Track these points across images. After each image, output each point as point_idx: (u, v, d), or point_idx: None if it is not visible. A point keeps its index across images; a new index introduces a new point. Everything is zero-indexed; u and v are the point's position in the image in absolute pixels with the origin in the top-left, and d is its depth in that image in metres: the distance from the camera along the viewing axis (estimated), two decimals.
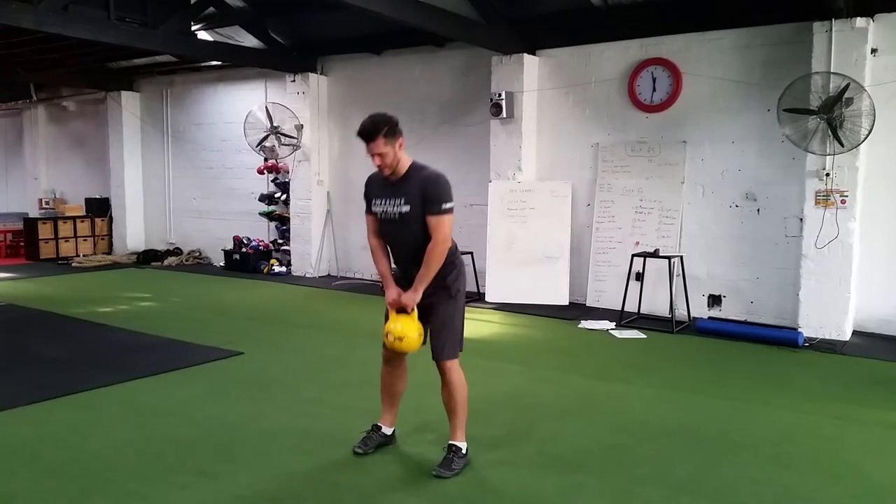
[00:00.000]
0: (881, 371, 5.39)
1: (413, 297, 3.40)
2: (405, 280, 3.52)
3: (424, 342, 3.52)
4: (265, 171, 10.30)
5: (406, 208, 3.40)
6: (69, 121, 13.39)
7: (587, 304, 7.71)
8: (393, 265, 3.63)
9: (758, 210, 6.88)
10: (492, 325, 6.90)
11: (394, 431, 3.80)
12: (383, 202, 3.49)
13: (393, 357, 3.65)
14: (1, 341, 6.20)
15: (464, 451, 3.51)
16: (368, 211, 3.62)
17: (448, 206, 3.37)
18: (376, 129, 3.30)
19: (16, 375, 5.11)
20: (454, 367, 3.49)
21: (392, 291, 3.50)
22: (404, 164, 3.44)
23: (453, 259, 3.51)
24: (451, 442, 3.52)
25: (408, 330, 3.41)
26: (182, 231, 11.89)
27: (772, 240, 6.81)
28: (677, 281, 6.98)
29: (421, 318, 3.44)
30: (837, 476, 3.49)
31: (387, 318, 3.52)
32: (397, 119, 3.41)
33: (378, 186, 3.54)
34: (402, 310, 3.44)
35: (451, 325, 3.48)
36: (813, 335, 6.23)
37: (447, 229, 3.37)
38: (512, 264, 7.84)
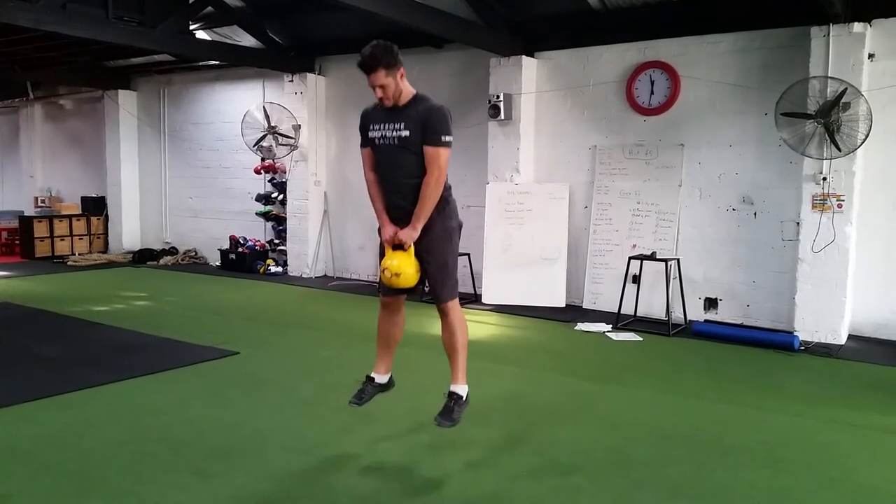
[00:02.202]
0: (876, 375, 5.40)
1: (411, 233, 3.36)
2: (398, 218, 3.45)
3: (421, 282, 3.49)
4: (262, 171, 10.29)
5: (405, 133, 3.32)
6: (66, 119, 13.36)
7: (584, 307, 7.71)
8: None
9: (755, 213, 6.89)
10: (488, 326, 6.89)
11: (391, 377, 3.76)
12: (382, 127, 3.40)
13: (391, 302, 3.61)
14: None
15: (465, 398, 3.46)
16: (364, 144, 3.54)
17: (447, 138, 3.30)
18: (377, 61, 3.22)
19: (10, 374, 5.09)
20: (455, 307, 3.47)
21: (389, 228, 3.45)
22: (407, 94, 3.36)
23: (447, 195, 3.46)
24: (451, 388, 3.49)
25: (405, 266, 3.38)
26: (178, 230, 11.87)
27: (768, 243, 6.82)
28: (674, 284, 6.99)
29: (416, 255, 3.41)
30: (832, 479, 3.49)
31: (382, 255, 3.48)
32: (398, 48, 3.31)
33: (377, 114, 3.45)
34: (398, 246, 3.39)
35: (447, 269, 3.46)
36: (809, 339, 6.24)
37: (444, 163, 3.32)
38: (509, 266, 7.84)
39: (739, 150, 6.92)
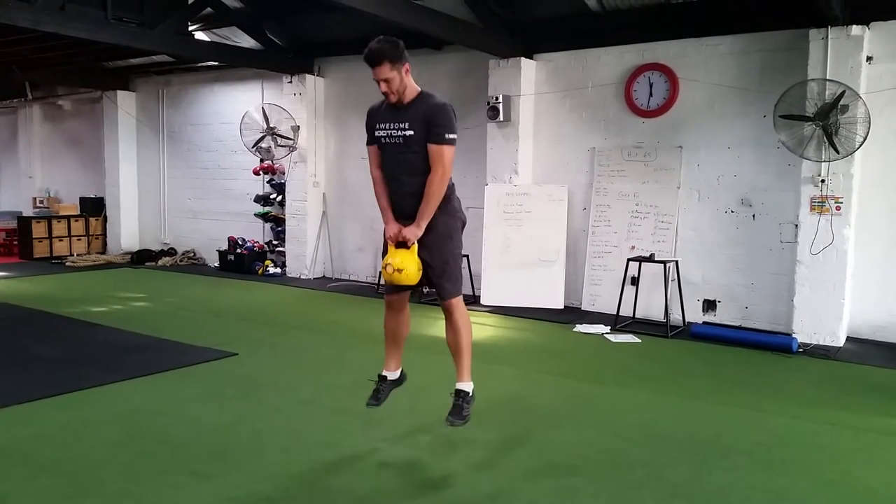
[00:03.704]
0: (874, 377, 5.40)
1: (415, 231, 3.37)
2: (403, 216, 3.46)
3: (423, 281, 3.50)
4: (261, 172, 10.29)
5: (410, 132, 3.34)
6: (65, 120, 13.35)
7: (582, 308, 7.72)
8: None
9: (753, 216, 6.90)
10: (487, 328, 6.89)
11: (402, 371, 3.79)
12: (387, 126, 3.41)
13: (395, 301, 3.62)
14: None
15: (471, 394, 3.49)
16: (370, 142, 3.54)
17: (451, 136, 3.31)
18: (382, 55, 3.23)
19: (9, 374, 5.08)
20: (459, 305, 3.48)
21: (393, 225, 3.46)
22: (412, 91, 3.36)
23: (450, 194, 3.48)
24: (457, 387, 3.51)
25: (407, 262, 3.39)
26: (177, 231, 11.86)
27: (767, 245, 6.83)
28: (672, 286, 6.99)
29: (419, 253, 3.42)
30: (830, 482, 3.50)
31: (385, 253, 3.49)
32: (403, 43, 3.31)
33: (382, 112, 3.46)
34: (401, 244, 3.40)
35: (450, 266, 3.48)
36: (807, 341, 6.24)
37: (448, 161, 3.33)
38: (507, 267, 7.84)
39: (738, 152, 6.93)
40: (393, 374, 3.74)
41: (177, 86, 11.60)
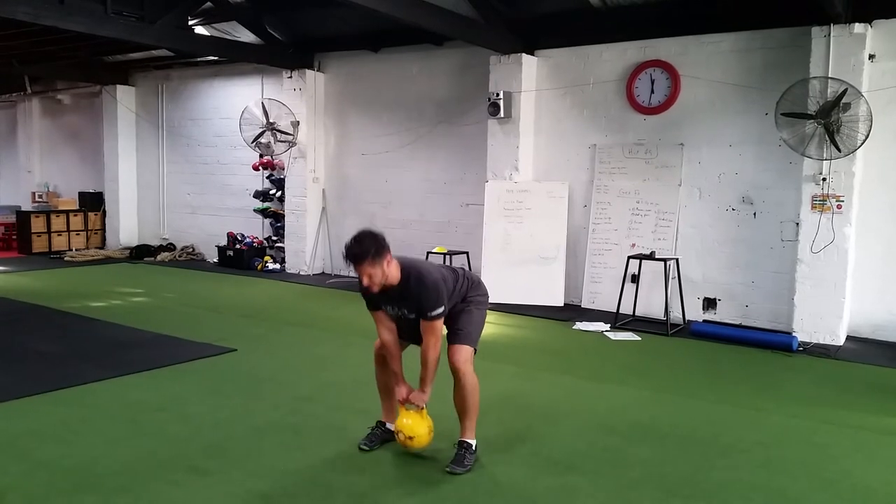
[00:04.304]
0: (874, 376, 5.40)
1: (422, 396, 3.53)
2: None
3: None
4: (260, 168, 10.28)
5: (413, 316, 3.50)
6: (64, 114, 13.33)
7: (582, 306, 7.71)
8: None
9: (754, 214, 6.89)
10: (487, 325, 6.82)
11: None
12: (393, 308, 3.55)
13: (386, 361, 3.66)
14: None
15: (474, 448, 3.55)
16: (377, 308, 3.60)
17: (437, 312, 3.42)
18: (363, 255, 3.28)
19: (7, 369, 5.07)
20: (468, 365, 3.51)
21: (403, 388, 3.59)
22: (395, 276, 3.42)
23: (478, 282, 3.82)
24: (462, 439, 3.55)
25: (418, 429, 3.53)
26: (176, 226, 11.84)
27: (768, 244, 6.82)
28: (673, 283, 6.98)
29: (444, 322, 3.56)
30: (829, 481, 3.49)
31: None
32: (383, 235, 3.38)
33: (380, 295, 3.50)
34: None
35: (469, 326, 3.60)
36: (807, 340, 6.24)
37: (438, 330, 3.48)
38: (507, 265, 7.83)
39: (739, 149, 6.91)
40: (392, 425, 3.76)
41: (176, 80, 11.58)
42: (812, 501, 3.27)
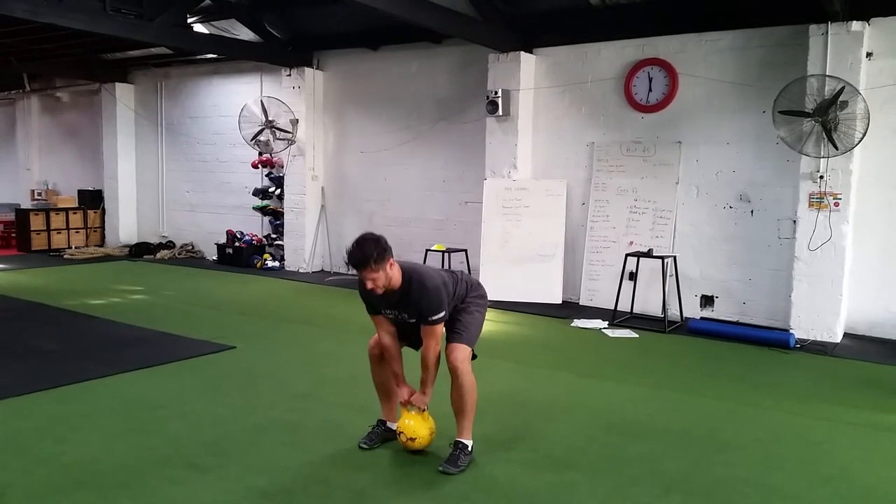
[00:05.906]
0: (871, 373, 5.42)
1: (423, 399, 3.56)
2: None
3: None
4: (259, 166, 10.28)
5: (413, 320, 3.53)
6: (63, 112, 13.32)
7: (580, 303, 7.72)
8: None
9: (751, 211, 6.90)
10: (485, 322, 6.87)
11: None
12: (393, 312, 3.57)
13: (382, 358, 3.67)
14: None
15: (469, 449, 3.55)
16: (377, 313, 3.62)
17: (437, 317, 3.45)
18: (366, 259, 3.28)
19: (6, 367, 5.08)
20: (466, 365, 3.52)
21: (404, 391, 3.63)
22: (397, 279, 3.44)
23: (477, 284, 3.87)
24: (458, 439, 3.55)
25: (420, 431, 3.57)
26: (175, 224, 11.85)
27: (765, 241, 6.83)
28: (670, 281, 6.99)
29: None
30: (826, 477, 3.50)
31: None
32: (384, 239, 3.38)
33: (380, 298, 3.51)
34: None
35: (468, 326, 3.62)
36: (804, 337, 6.25)
37: (438, 334, 3.52)
38: (506, 262, 7.84)
39: (737, 147, 6.93)
40: (392, 424, 3.78)
41: (175, 78, 11.57)
42: (809, 498, 3.28)
